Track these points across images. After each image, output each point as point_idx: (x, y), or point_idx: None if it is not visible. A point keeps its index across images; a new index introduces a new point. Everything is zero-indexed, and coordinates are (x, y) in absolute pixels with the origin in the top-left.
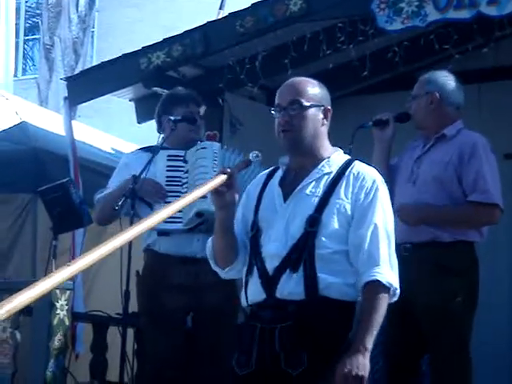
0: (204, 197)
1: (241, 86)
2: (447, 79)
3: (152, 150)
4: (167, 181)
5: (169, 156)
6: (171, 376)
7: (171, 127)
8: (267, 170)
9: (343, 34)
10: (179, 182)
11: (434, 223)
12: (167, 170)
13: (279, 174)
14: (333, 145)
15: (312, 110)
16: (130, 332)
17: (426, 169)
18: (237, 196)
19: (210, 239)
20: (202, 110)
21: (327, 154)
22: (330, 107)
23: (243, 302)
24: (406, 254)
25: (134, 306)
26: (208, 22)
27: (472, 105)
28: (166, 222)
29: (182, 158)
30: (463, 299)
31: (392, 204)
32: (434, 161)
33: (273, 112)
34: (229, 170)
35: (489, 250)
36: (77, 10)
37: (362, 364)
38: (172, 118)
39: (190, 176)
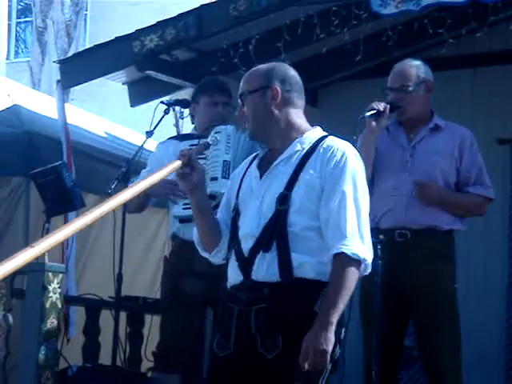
0: (215, 178)
1: (234, 69)
2: (428, 66)
3: (181, 139)
4: None
5: (191, 145)
6: (180, 357)
7: (191, 113)
8: (252, 155)
9: (337, 18)
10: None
11: (447, 205)
12: None
13: (260, 156)
14: (332, 127)
15: (253, 97)
16: (123, 315)
17: (426, 158)
18: (201, 177)
19: (195, 225)
20: (230, 99)
21: (299, 133)
22: (276, 86)
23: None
24: (401, 239)
25: (126, 290)
26: (202, 6)
27: (466, 89)
28: (184, 208)
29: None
30: (455, 283)
31: (374, 189)
32: (434, 151)
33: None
34: (187, 153)
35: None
36: None
37: (325, 338)
38: (165, 101)
39: (207, 162)
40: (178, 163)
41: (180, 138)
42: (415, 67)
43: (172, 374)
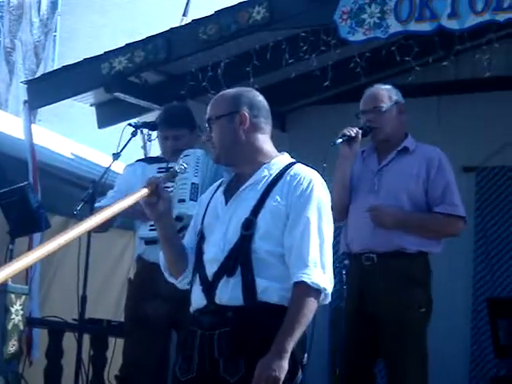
0: (183, 200)
1: (203, 93)
2: (398, 90)
3: (149, 161)
4: None
5: (159, 168)
6: (143, 381)
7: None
8: (219, 181)
9: (306, 44)
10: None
11: (408, 227)
12: None
13: (226, 181)
14: (299, 151)
15: (221, 122)
16: (87, 338)
17: (392, 180)
18: (167, 205)
19: (161, 252)
20: (182, 129)
21: (266, 158)
22: (245, 112)
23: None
24: (368, 263)
25: (91, 312)
26: (171, 29)
27: (431, 117)
28: (150, 230)
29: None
30: (426, 309)
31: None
32: (400, 173)
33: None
34: (154, 181)
35: (446, 261)
36: (38, 13)
37: (278, 366)
38: (133, 123)
39: (175, 185)
40: (145, 191)
41: (148, 160)
42: (386, 90)
43: None
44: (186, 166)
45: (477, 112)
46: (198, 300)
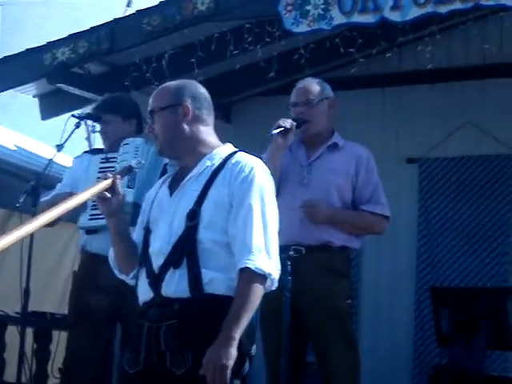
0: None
1: (147, 84)
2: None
3: (93, 152)
4: None
5: (102, 159)
6: (86, 373)
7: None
8: (164, 176)
9: (250, 35)
10: None
11: (337, 224)
12: (99, 172)
13: (170, 175)
14: (244, 142)
15: (164, 115)
16: (30, 332)
17: (322, 175)
18: (120, 202)
19: (111, 248)
20: (106, 116)
21: (208, 149)
22: (187, 104)
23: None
24: (297, 255)
25: (35, 305)
26: (114, 19)
27: (376, 108)
28: (90, 219)
29: (115, 160)
30: (351, 300)
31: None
32: (330, 169)
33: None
34: (111, 176)
35: (390, 252)
36: None
37: (226, 353)
38: (76, 115)
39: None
40: (105, 184)
41: (93, 152)
42: (318, 84)
43: None
44: (143, 162)
45: (420, 103)
46: (144, 293)
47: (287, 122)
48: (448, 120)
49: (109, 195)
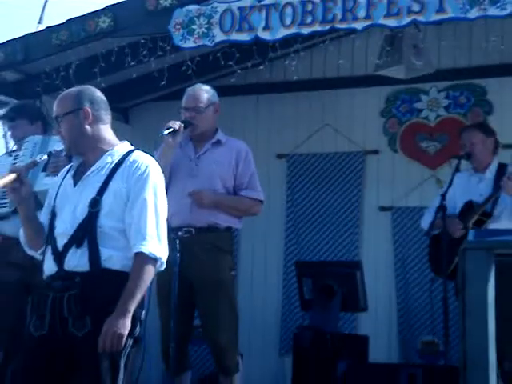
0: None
1: (56, 90)
2: (215, 91)
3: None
4: None
5: (5, 153)
6: (1, 336)
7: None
8: (70, 165)
9: (145, 49)
10: None
11: (221, 207)
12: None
13: (74, 166)
14: (141, 141)
15: (68, 119)
16: None
17: (208, 167)
18: (28, 190)
19: (22, 229)
20: (14, 122)
21: (109, 146)
22: (87, 107)
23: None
24: (187, 235)
25: None
26: (28, 34)
27: (251, 112)
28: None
29: (18, 156)
30: (235, 271)
31: (168, 195)
32: (215, 161)
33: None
34: (18, 169)
35: (263, 232)
36: None
37: (123, 324)
38: None
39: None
40: (12, 176)
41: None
42: (206, 91)
43: None
44: (45, 157)
45: (287, 109)
46: (49, 267)
47: (176, 124)
48: (310, 123)
49: (17, 185)
